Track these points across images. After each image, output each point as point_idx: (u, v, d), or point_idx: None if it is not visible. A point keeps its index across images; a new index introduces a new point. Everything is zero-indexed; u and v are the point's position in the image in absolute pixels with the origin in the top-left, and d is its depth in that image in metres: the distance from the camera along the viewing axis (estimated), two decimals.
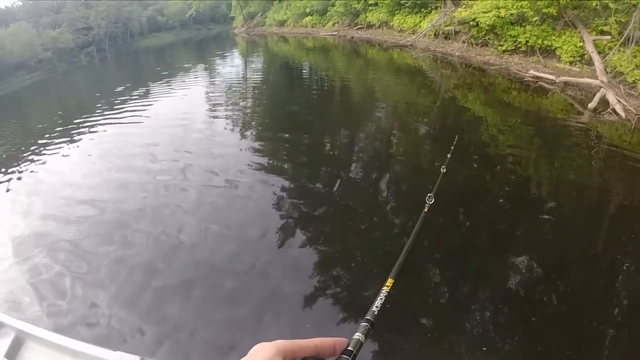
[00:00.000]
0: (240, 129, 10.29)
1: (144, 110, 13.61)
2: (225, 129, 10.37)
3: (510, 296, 3.97)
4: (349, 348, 0.61)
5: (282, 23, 35.61)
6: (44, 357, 2.10)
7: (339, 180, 6.88)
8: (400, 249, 0.97)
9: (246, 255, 5.09)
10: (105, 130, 11.88)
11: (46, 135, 12.38)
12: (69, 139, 11.58)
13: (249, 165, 7.69)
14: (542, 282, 4.09)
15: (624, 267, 4.11)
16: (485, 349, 3.39)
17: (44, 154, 10.52)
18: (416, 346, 3.52)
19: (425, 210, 1.43)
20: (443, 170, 2.03)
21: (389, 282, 0.81)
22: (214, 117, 11.63)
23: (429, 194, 1.52)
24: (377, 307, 0.73)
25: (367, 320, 0.68)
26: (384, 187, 6.53)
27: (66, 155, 10.18)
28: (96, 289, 4.76)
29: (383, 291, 0.77)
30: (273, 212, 5.92)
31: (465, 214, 5.43)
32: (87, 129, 12.31)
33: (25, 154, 10.76)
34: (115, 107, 14.78)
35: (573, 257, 4.46)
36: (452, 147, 2.55)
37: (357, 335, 0.64)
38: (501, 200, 5.84)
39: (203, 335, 3.92)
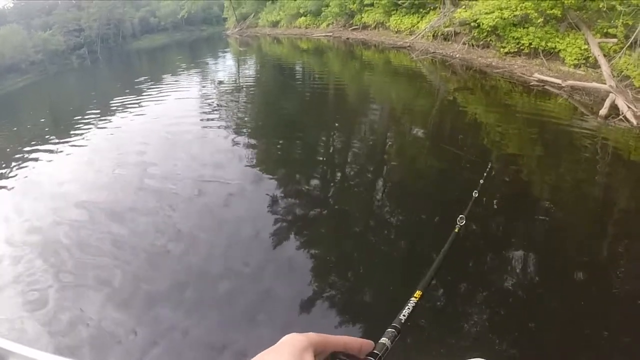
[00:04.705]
0: (233, 132, 10.10)
1: (136, 112, 13.50)
2: (217, 131, 10.22)
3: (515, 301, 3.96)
4: (375, 351, 0.61)
5: (275, 24, 35.23)
6: None
7: (332, 184, 6.94)
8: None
9: (239, 256, 5.08)
10: (96, 133, 11.80)
11: (37, 138, 12.29)
12: (59, 141, 11.45)
13: (241, 167, 7.72)
14: (548, 288, 4.08)
15: (625, 273, 4.12)
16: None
17: (35, 157, 10.47)
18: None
19: (456, 230, 1.44)
20: (475, 194, 2.00)
21: (417, 293, 0.82)
22: (206, 119, 11.42)
23: (460, 215, 1.52)
24: (404, 315, 0.73)
25: (394, 327, 0.68)
26: (377, 190, 6.54)
27: (57, 158, 10.12)
28: (88, 291, 4.77)
29: (411, 301, 0.78)
30: (266, 214, 5.90)
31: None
32: (78, 131, 12.21)
33: (16, 156, 10.72)
34: (106, 109, 14.68)
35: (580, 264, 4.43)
36: (484, 174, 2.47)
37: (384, 340, 0.64)
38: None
39: (196, 335, 3.92)
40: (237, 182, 7.04)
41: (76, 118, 14.06)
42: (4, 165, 10.12)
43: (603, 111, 8.01)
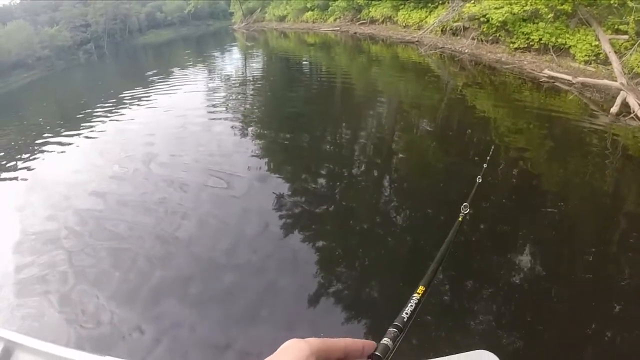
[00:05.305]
0: (240, 126, 10.17)
1: (143, 107, 13.61)
2: (224, 126, 10.27)
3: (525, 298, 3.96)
4: (376, 353, 0.59)
5: (282, 18, 35.24)
6: None
7: (339, 178, 6.94)
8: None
9: (244, 252, 5.15)
10: (103, 128, 11.91)
11: (47, 131, 12.48)
12: (69, 134, 11.60)
13: (248, 162, 7.72)
14: (553, 283, 4.11)
15: (631, 271, 4.12)
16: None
17: (46, 149, 10.63)
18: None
19: (460, 219, 1.39)
20: (479, 180, 1.91)
21: (420, 289, 0.78)
22: (213, 114, 11.49)
23: (464, 203, 1.46)
24: (406, 313, 0.70)
25: (396, 326, 0.65)
26: (383, 185, 6.61)
27: (65, 152, 10.21)
28: (93, 286, 4.80)
29: (414, 298, 0.75)
30: (272, 208, 5.93)
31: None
32: (87, 124, 12.39)
33: (27, 148, 10.93)
34: (115, 103, 14.82)
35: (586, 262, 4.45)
36: (488, 158, 2.41)
37: (385, 341, 0.61)
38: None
39: (200, 332, 3.93)
40: (244, 176, 7.08)
41: (85, 111, 14.26)
42: (16, 157, 10.29)
43: (614, 109, 8.00)
